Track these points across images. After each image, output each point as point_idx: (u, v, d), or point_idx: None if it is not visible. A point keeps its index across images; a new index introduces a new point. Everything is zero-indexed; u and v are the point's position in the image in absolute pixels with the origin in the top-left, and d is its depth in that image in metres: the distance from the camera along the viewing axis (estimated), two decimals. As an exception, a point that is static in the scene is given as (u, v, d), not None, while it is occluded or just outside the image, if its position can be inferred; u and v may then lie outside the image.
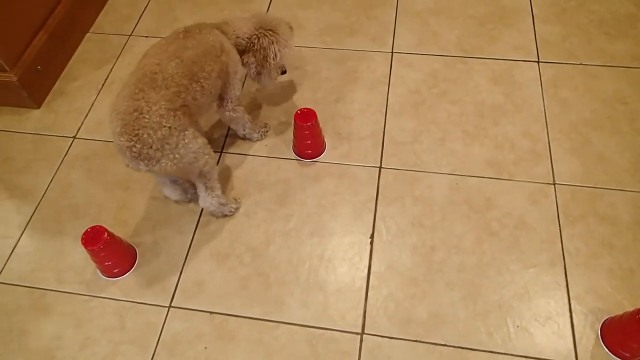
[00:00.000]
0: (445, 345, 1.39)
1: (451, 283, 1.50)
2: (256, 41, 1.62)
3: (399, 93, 1.96)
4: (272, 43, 1.63)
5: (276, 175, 1.77)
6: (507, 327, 1.42)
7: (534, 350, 1.38)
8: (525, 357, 1.37)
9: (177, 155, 1.34)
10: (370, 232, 1.61)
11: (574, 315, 1.42)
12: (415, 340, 1.41)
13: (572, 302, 1.45)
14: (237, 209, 1.67)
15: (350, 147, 1.81)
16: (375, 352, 1.39)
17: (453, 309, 1.45)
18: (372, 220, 1.63)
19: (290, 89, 2.00)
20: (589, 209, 1.62)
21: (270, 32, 1.63)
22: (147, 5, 2.35)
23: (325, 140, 1.83)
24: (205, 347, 1.42)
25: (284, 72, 1.79)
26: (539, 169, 1.72)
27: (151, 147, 1.28)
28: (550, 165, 1.72)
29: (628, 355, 1.34)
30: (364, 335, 1.42)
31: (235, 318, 1.47)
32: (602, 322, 1.40)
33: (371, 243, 1.59)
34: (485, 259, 1.54)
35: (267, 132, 1.88)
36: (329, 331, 1.44)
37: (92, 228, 1.45)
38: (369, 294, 1.49)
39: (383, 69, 2.04)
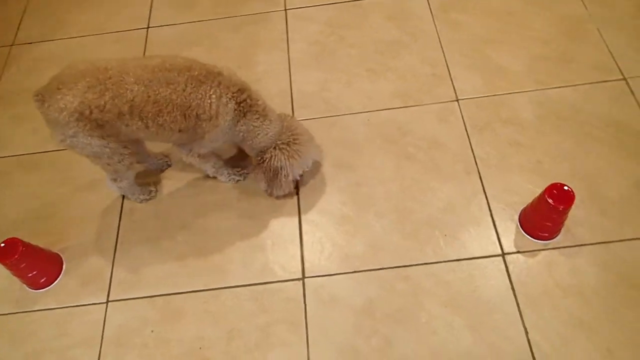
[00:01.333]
0: (382, 268, 1.45)
1: (380, 212, 1.55)
2: (267, 160, 1.43)
3: (300, 48, 1.97)
4: (287, 160, 1.43)
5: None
6: (437, 239, 1.48)
7: (465, 253, 1.45)
8: (458, 260, 1.44)
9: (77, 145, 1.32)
10: (295, 183, 1.63)
11: (493, 213, 1.51)
12: (354, 272, 1.45)
13: (490, 202, 1.53)
14: (150, 195, 1.64)
15: (262, 109, 1.81)
16: (319, 291, 1.43)
17: (385, 236, 1.50)
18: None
19: (191, 66, 1.97)
20: (492, 115, 1.70)
21: (287, 149, 1.43)
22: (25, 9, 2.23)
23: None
24: (152, 331, 1.41)
25: (300, 176, 1.56)
26: (442, 89, 1.78)
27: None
28: (451, 84, 1.79)
29: (546, 234, 1.44)
30: (306, 279, 1.45)
31: (178, 295, 1.46)
32: (519, 212, 1.50)
33: (297, 193, 1.61)
34: (406, 182, 1.59)
35: (239, 176, 1.64)
36: (272, 284, 1.46)
37: (5, 242, 1.39)
38: (304, 239, 1.52)
39: (280, 28, 2.04)
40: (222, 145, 1.53)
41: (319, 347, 1.35)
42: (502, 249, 1.45)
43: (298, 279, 1.45)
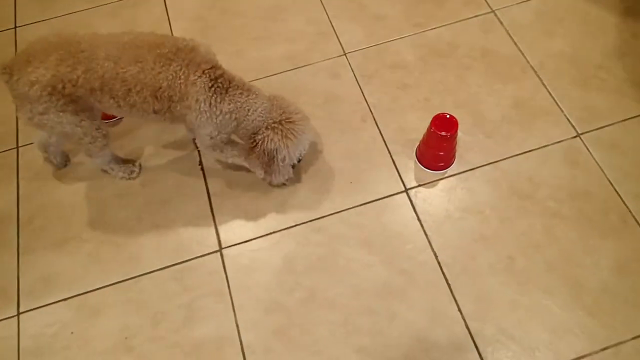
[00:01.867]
0: (295, 225, 1.48)
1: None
2: (260, 143, 1.32)
3: (182, 26, 1.92)
4: (281, 141, 1.32)
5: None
6: (344, 187, 1.54)
7: (371, 195, 1.52)
8: (365, 203, 1.51)
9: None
10: (198, 160, 1.61)
11: (393, 154, 1.59)
12: (269, 233, 1.48)
13: (388, 144, 1.60)
14: (131, 174, 1.56)
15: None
16: (237, 259, 1.44)
17: (296, 196, 1.53)
18: (197, 153, 1.63)
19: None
20: (379, 63, 1.77)
21: (281, 128, 1.32)
22: None
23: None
24: (72, 332, 1.36)
25: (299, 161, 1.46)
26: (330, 46, 1.82)
27: None
28: (337, 40, 1.84)
29: (442, 164, 1.53)
30: (223, 250, 1.46)
31: (95, 292, 1.42)
32: (415, 149, 1.58)
33: (202, 169, 1.60)
34: (308, 140, 1.63)
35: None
36: (190, 261, 1.45)
37: None
38: (215, 212, 1.52)
39: (159, 8, 1.98)
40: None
41: (246, 311, 1.37)
42: (404, 185, 1.53)
43: (215, 251, 1.46)
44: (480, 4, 1.87)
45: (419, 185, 1.53)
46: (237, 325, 1.35)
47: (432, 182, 1.54)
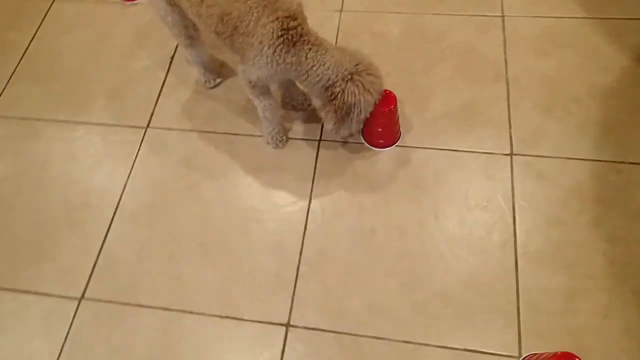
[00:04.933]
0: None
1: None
2: (340, 94, 1.30)
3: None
4: (361, 95, 1.30)
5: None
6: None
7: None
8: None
9: None
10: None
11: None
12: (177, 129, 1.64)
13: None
14: (210, 84, 1.71)
15: None
16: (155, 143, 1.63)
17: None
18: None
19: None
20: (365, 28, 1.81)
21: (360, 81, 1.29)
22: None
23: None
24: None
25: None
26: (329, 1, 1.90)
27: None
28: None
29: (382, 141, 1.55)
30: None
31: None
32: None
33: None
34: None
35: (281, 143, 1.58)
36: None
37: None
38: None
39: None
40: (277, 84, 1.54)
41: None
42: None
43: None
44: (494, 6, 1.81)
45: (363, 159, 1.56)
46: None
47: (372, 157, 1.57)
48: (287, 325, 1.31)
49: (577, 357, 1.06)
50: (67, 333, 1.35)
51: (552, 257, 1.34)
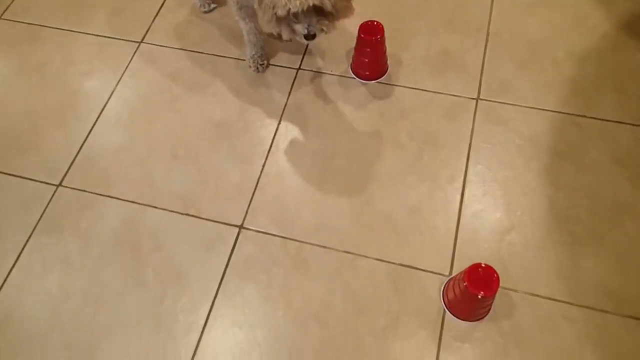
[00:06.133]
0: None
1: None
2: None
3: None
4: None
5: None
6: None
7: (269, 61, 1.69)
8: (258, 62, 1.68)
9: None
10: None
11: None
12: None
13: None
14: (204, 7, 1.80)
15: None
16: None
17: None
18: None
19: None
20: None
21: None
22: None
23: None
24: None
25: (310, 36, 1.27)
26: None
27: None
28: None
29: (367, 73, 1.61)
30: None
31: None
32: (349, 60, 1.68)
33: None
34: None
35: (262, 67, 1.65)
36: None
37: None
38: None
39: None
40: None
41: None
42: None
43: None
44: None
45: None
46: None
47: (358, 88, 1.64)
48: (240, 227, 1.41)
49: (488, 266, 1.12)
50: (42, 214, 1.48)
51: (496, 194, 1.40)
